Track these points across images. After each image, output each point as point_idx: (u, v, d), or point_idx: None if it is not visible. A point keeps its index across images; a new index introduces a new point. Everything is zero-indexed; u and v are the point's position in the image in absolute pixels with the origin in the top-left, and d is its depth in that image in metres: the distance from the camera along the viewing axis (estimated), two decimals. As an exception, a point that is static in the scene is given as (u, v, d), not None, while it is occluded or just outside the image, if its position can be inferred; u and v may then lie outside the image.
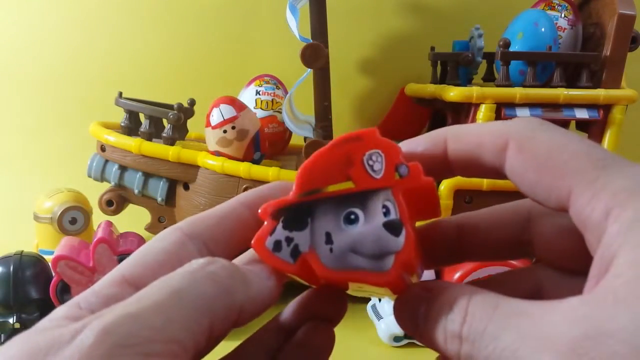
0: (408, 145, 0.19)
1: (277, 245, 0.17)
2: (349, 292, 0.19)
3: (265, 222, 0.17)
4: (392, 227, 0.16)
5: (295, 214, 0.17)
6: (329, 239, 0.17)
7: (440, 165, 0.18)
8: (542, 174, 0.16)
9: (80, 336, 0.13)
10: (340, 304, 0.19)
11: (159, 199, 0.59)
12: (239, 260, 0.18)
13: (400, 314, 0.17)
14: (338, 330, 0.20)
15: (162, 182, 0.59)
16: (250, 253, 0.18)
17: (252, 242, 0.17)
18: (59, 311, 0.15)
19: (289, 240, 0.17)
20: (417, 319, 0.17)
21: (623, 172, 0.15)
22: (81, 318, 0.14)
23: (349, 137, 0.17)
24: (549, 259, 0.19)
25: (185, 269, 0.15)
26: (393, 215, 0.17)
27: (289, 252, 0.17)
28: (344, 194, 0.17)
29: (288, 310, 0.20)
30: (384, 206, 0.17)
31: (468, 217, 0.20)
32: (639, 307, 0.12)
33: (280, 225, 0.17)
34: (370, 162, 0.17)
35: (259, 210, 0.17)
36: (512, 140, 0.17)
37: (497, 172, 0.17)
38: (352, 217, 0.17)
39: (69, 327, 0.14)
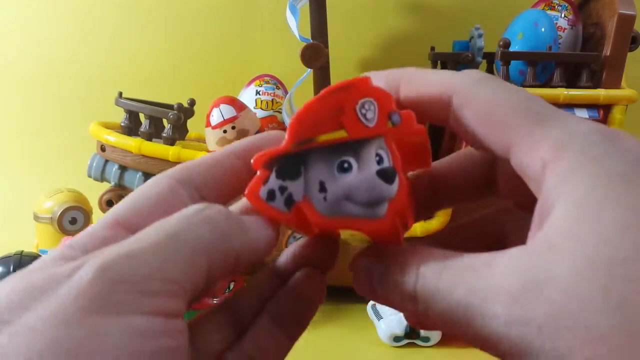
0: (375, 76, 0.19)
1: (271, 195, 0.16)
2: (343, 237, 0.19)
3: (258, 172, 0.17)
4: (386, 175, 0.17)
5: (289, 163, 0.16)
6: (322, 188, 0.17)
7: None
8: (483, 128, 0.16)
9: (79, 272, 0.13)
10: (333, 251, 0.20)
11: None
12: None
13: (357, 278, 0.18)
14: (338, 330, 0.20)
15: (162, 182, 0.58)
16: (242, 203, 0.18)
17: (245, 192, 0.17)
18: (53, 253, 0.15)
19: (282, 189, 0.16)
20: (373, 282, 0.17)
21: (558, 124, 0.15)
22: (75, 258, 0.14)
23: (340, 86, 0.17)
24: (513, 198, 0.19)
25: (181, 213, 0.15)
26: (386, 164, 0.17)
27: (283, 201, 0.17)
28: (337, 143, 0.17)
29: (283, 258, 0.20)
30: (377, 154, 0.17)
31: (439, 164, 0.20)
32: (572, 256, 0.13)
33: (273, 175, 0.16)
34: (363, 111, 0.17)
35: (252, 160, 0.17)
36: (455, 94, 0.17)
37: (444, 121, 0.18)
38: (346, 165, 0.17)
39: (66, 266, 0.14)
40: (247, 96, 0.65)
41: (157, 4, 0.80)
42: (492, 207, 0.21)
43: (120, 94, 0.61)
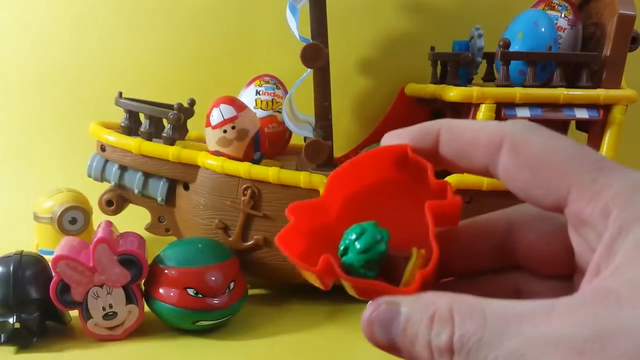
0: (399, 135, 0.19)
1: None
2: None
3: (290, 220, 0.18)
4: None
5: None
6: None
7: (428, 157, 0.19)
8: (538, 174, 0.16)
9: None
10: None
11: (159, 199, 0.59)
12: None
13: (371, 333, 0.16)
14: (338, 330, 0.20)
15: (162, 182, 0.59)
16: None
17: (277, 239, 0.17)
18: None
19: None
20: (392, 336, 0.16)
21: (621, 174, 0.15)
22: None
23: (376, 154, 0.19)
24: (531, 264, 0.19)
25: None
26: None
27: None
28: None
29: None
30: None
31: (447, 232, 0.20)
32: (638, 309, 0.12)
33: None
34: None
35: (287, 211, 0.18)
36: (507, 140, 0.17)
37: (487, 171, 0.18)
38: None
39: None
40: (247, 96, 0.65)
41: (157, 4, 0.80)
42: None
43: (120, 94, 0.61)
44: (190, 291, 0.48)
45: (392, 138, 0.19)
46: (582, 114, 0.59)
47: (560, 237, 0.17)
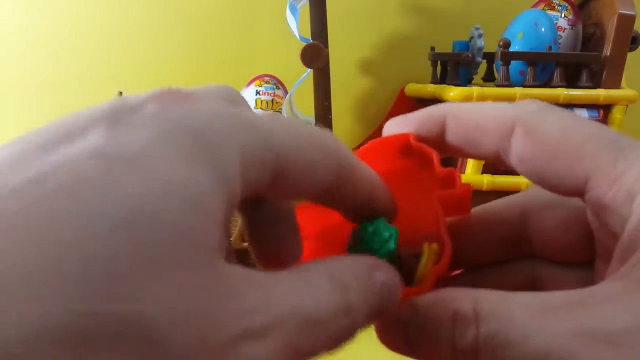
0: (402, 122, 0.18)
1: None
2: None
3: None
4: None
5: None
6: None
7: (435, 144, 0.18)
8: (554, 159, 0.15)
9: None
10: None
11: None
12: None
13: (387, 337, 0.16)
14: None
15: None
16: None
17: None
18: None
19: None
20: (410, 339, 0.15)
21: None
22: None
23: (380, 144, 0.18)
24: (548, 252, 0.18)
25: None
26: None
27: None
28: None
29: None
30: None
31: (457, 222, 0.19)
32: None
33: None
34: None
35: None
36: (519, 124, 0.16)
37: (497, 157, 0.17)
38: None
39: None
40: (247, 96, 0.65)
41: (157, 4, 0.80)
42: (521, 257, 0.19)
43: (120, 94, 0.61)
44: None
45: (395, 126, 0.19)
46: (582, 114, 0.59)
47: (579, 222, 0.17)
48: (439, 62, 0.68)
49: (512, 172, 0.29)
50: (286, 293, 0.12)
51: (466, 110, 0.17)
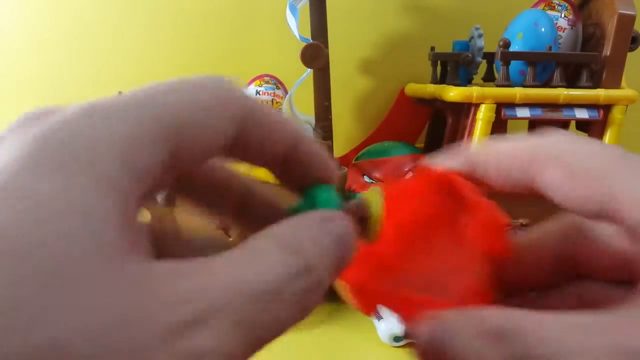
0: (440, 164, 0.19)
1: None
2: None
3: None
4: None
5: None
6: None
7: (472, 181, 0.19)
8: (580, 185, 0.16)
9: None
10: None
11: (159, 199, 0.59)
12: None
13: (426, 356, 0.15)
14: (338, 330, 0.20)
15: (162, 182, 0.58)
16: None
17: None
18: None
19: None
20: (441, 357, 0.14)
21: None
22: None
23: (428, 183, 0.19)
24: (595, 274, 0.18)
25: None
26: None
27: None
28: None
29: None
30: None
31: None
32: None
33: None
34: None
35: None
36: (541, 155, 0.17)
37: (527, 188, 0.17)
38: None
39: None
40: (247, 96, 0.65)
41: (157, 4, 0.80)
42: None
43: (120, 94, 0.61)
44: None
45: (439, 161, 0.19)
46: (582, 114, 0.59)
47: (620, 242, 0.17)
48: (439, 62, 0.68)
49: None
50: (228, 273, 0.12)
51: (496, 146, 0.18)
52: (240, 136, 0.15)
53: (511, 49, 0.59)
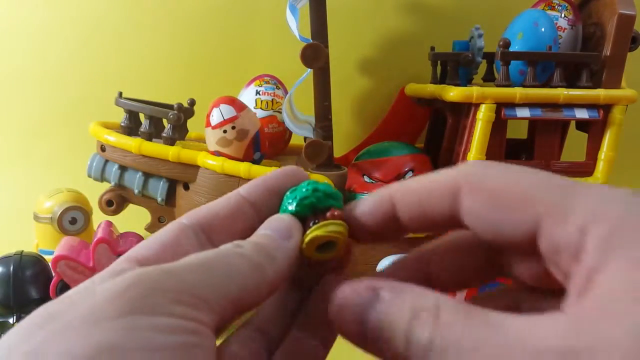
0: (359, 209, 0.19)
1: None
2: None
3: None
4: None
5: None
6: None
7: (392, 225, 0.18)
8: (503, 208, 0.15)
9: (116, 279, 0.14)
10: (348, 252, 0.20)
11: (159, 199, 0.59)
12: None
13: (342, 316, 0.16)
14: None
15: (162, 182, 0.59)
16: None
17: None
18: (72, 289, 0.16)
19: None
20: (365, 323, 0.15)
21: (588, 192, 0.14)
22: (93, 290, 0.15)
23: None
24: (524, 281, 0.18)
25: (217, 249, 0.17)
26: None
27: None
28: None
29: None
30: None
31: (433, 248, 0.19)
32: (629, 322, 0.12)
33: None
34: None
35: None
36: (463, 182, 0.16)
37: (451, 221, 0.17)
38: None
39: (95, 279, 0.16)
40: (247, 96, 0.65)
41: (157, 4, 0.80)
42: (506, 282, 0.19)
43: (120, 94, 0.61)
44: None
45: (358, 206, 0.19)
46: (582, 114, 0.59)
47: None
48: (439, 62, 0.68)
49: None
50: None
51: (410, 182, 0.18)
52: None
53: (511, 49, 0.59)
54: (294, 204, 0.19)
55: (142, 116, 0.61)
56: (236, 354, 0.18)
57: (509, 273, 0.18)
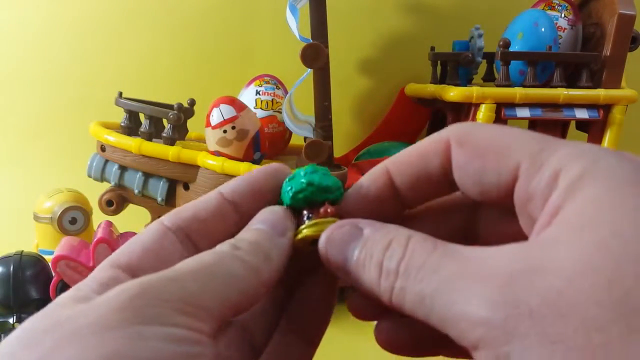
0: (358, 191, 0.19)
1: None
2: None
3: None
4: None
5: None
6: None
7: (392, 200, 0.19)
8: (486, 156, 0.16)
9: (116, 290, 0.14)
10: None
11: (159, 199, 0.59)
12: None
13: (327, 250, 0.17)
14: (338, 330, 0.20)
15: (162, 182, 0.59)
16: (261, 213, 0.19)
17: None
18: (59, 299, 0.15)
19: None
20: (347, 255, 0.17)
21: (566, 144, 0.15)
22: (88, 299, 0.15)
23: None
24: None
25: (215, 250, 0.17)
26: None
27: None
28: None
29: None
30: None
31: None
32: (579, 247, 0.13)
33: None
34: None
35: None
36: (453, 138, 0.17)
37: (445, 180, 0.18)
38: None
39: (85, 290, 0.15)
40: (247, 96, 0.65)
41: (157, 4, 0.80)
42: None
43: (120, 94, 0.61)
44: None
45: (359, 183, 0.20)
46: (582, 114, 0.59)
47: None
48: (439, 62, 0.68)
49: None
50: None
51: (402, 152, 0.19)
52: None
53: (511, 49, 0.59)
54: (288, 197, 0.19)
55: (142, 116, 0.61)
56: (220, 354, 0.18)
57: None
